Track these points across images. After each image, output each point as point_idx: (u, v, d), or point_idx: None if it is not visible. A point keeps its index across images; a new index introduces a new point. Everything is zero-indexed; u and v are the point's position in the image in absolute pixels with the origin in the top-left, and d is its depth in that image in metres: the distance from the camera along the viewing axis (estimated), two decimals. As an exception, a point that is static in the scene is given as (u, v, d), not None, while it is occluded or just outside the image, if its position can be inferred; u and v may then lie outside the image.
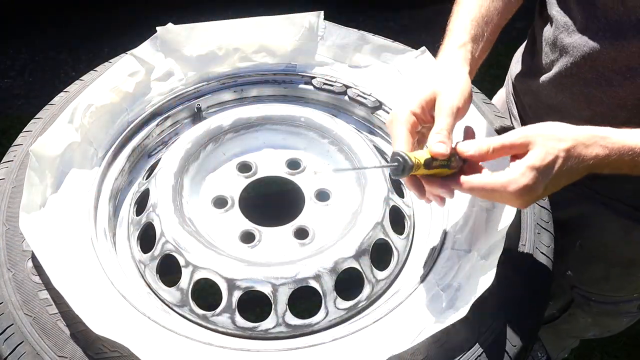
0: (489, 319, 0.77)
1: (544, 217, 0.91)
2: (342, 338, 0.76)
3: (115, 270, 0.84)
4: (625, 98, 0.87)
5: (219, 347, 0.75)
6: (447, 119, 0.75)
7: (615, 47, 0.84)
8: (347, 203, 0.96)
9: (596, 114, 0.92)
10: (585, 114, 0.93)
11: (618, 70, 0.86)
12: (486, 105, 1.09)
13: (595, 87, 0.90)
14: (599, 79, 0.89)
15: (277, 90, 1.15)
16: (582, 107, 0.93)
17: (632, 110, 0.87)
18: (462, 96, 0.78)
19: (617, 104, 0.88)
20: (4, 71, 2.91)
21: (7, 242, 0.82)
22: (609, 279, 1.14)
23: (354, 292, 0.86)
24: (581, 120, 0.93)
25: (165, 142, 1.08)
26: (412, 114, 0.77)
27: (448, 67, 0.84)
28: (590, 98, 0.91)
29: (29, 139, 0.96)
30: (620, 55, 0.84)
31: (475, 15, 0.90)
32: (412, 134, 0.76)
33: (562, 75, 0.94)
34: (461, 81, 0.81)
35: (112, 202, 0.95)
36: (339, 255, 0.84)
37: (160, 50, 1.06)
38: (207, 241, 0.87)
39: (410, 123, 0.77)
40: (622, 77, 0.86)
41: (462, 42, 0.87)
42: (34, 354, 0.72)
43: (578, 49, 0.89)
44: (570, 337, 1.40)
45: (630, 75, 0.85)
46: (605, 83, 0.88)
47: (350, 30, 1.13)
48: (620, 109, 0.89)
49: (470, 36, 0.88)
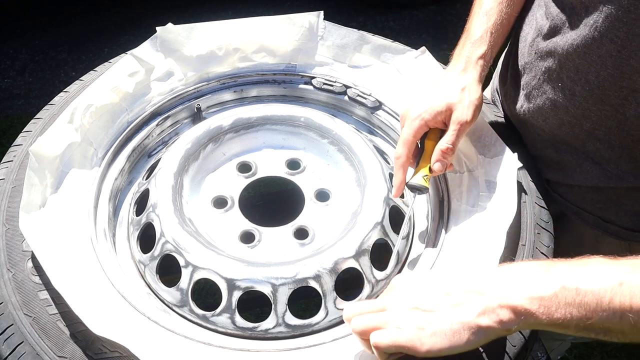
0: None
1: (544, 217, 0.91)
2: (342, 338, 0.76)
3: (115, 270, 0.84)
4: (588, 109, 0.87)
5: (219, 347, 0.75)
6: (455, 135, 0.84)
7: (578, 54, 0.85)
8: (347, 203, 0.96)
9: (563, 122, 0.92)
10: (552, 122, 0.94)
11: (578, 81, 0.86)
12: (485, 105, 1.10)
13: (561, 96, 0.90)
14: (564, 88, 0.89)
15: (277, 91, 1.15)
16: (549, 115, 0.94)
17: (596, 122, 0.88)
18: (474, 112, 0.86)
19: (581, 114, 0.89)
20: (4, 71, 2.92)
21: (7, 242, 0.82)
22: None
23: (354, 292, 0.86)
24: (548, 129, 0.94)
25: (165, 142, 1.08)
26: (425, 124, 0.87)
27: (465, 81, 0.89)
28: (558, 106, 0.92)
29: (29, 139, 0.96)
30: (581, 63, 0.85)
31: (495, 21, 0.93)
32: (415, 140, 0.88)
33: (533, 84, 0.95)
34: (475, 96, 0.87)
35: (112, 202, 0.95)
36: (339, 255, 0.84)
37: (160, 50, 1.06)
38: (207, 241, 0.87)
39: (420, 133, 0.88)
40: (582, 88, 0.86)
41: (482, 53, 0.91)
42: (33, 354, 0.72)
43: (549, 56, 0.90)
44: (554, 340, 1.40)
45: (588, 87, 0.86)
46: (569, 93, 0.89)
47: (350, 30, 1.13)
48: (584, 119, 0.89)
49: (488, 45, 0.91)
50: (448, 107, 0.86)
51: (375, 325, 0.63)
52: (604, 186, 0.93)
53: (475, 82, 0.89)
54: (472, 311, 0.60)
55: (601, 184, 0.93)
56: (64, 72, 2.91)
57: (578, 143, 0.93)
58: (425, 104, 0.87)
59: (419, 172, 0.88)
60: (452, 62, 0.94)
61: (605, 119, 0.87)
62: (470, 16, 0.96)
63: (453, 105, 0.86)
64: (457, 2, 3.49)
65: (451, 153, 0.85)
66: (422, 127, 0.87)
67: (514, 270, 0.62)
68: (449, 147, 0.84)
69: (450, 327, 0.60)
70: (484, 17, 0.93)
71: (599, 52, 0.82)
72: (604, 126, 0.88)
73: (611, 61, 0.81)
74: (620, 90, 0.82)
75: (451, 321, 0.60)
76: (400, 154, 0.87)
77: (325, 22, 1.12)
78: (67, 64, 2.96)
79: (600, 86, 0.84)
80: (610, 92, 0.83)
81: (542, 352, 0.95)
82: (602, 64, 0.82)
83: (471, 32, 0.93)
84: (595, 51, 0.82)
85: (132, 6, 3.12)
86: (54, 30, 3.08)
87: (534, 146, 1.01)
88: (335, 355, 0.74)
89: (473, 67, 0.90)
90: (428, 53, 1.08)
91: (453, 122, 0.85)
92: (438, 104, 0.86)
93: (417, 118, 0.87)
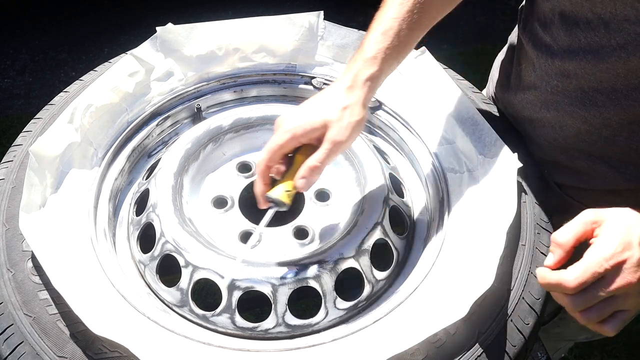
0: (489, 319, 0.77)
1: (544, 217, 0.91)
2: (342, 338, 0.76)
3: (115, 270, 0.84)
4: (610, 118, 0.86)
5: (219, 347, 0.75)
6: (326, 154, 0.79)
7: (600, 69, 0.83)
8: (347, 203, 0.96)
9: (580, 131, 0.91)
10: (568, 130, 0.93)
11: (603, 91, 0.85)
12: (475, 94, 1.10)
13: (580, 106, 0.89)
14: (584, 99, 0.88)
15: (277, 91, 1.15)
16: (567, 123, 0.93)
17: (616, 129, 0.87)
18: (351, 133, 0.81)
19: (602, 123, 0.88)
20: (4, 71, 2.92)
21: (7, 242, 0.82)
22: None
23: (354, 292, 0.86)
24: (563, 137, 0.93)
25: (165, 142, 1.08)
26: (295, 139, 0.81)
27: (348, 100, 0.82)
28: (575, 116, 0.91)
29: (29, 139, 0.96)
30: (605, 76, 0.83)
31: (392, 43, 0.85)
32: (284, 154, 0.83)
33: (548, 92, 0.93)
34: (355, 118, 0.81)
35: (112, 202, 0.95)
36: (339, 255, 0.84)
37: (160, 50, 1.06)
38: (207, 241, 0.87)
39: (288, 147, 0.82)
40: (607, 97, 0.85)
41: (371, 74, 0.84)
42: (33, 354, 0.72)
43: (564, 69, 0.89)
44: (563, 340, 1.40)
45: (614, 97, 0.84)
46: (590, 103, 0.88)
47: (350, 30, 1.13)
48: (604, 127, 0.88)
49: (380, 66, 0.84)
50: (324, 124, 0.80)
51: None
52: (623, 189, 0.92)
53: (358, 104, 0.82)
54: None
55: (620, 187, 0.92)
56: (64, 72, 2.91)
57: (594, 149, 0.92)
58: (302, 118, 0.82)
59: (281, 186, 0.82)
60: (341, 76, 0.87)
61: (628, 124, 0.85)
62: (368, 32, 0.88)
63: (330, 123, 0.80)
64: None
65: (318, 172, 0.80)
66: (291, 141, 0.82)
67: None
68: (316, 166, 0.79)
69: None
70: (382, 36, 0.85)
71: (625, 67, 0.80)
72: (625, 131, 0.86)
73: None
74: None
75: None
76: (259, 162, 0.83)
77: (325, 22, 1.12)
78: (67, 64, 2.96)
79: (627, 96, 0.83)
80: (638, 98, 0.82)
81: (542, 352, 0.96)
82: (630, 74, 0.80)
83: (365, 48, 0.85)
84: (621, 66, 0.81)
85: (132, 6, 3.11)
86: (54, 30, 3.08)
87: (544, 152, 1.00)
88: (335, 355, 0.74)
89: (360, 87, 0.83)
90: (428, 53, 1.08)
91: (327, 141, 0.80)
92: (314, 120, 0.81)
93: (288, 131, 0.81)
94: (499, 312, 0.78)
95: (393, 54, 0.85)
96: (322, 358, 0.74)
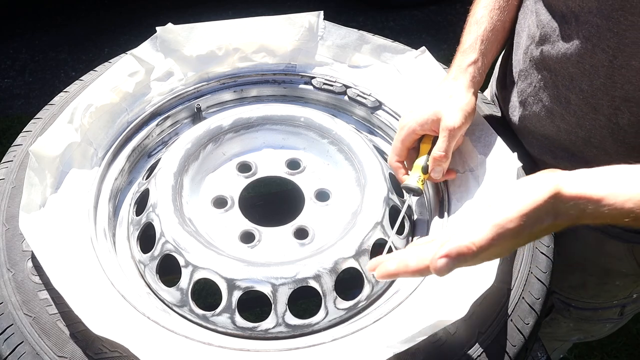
0: (489, 319, 0.77)
1: (544, 217, 0.91)
2: (342, 338, 0.76)
3: (115, 270, 0.84)
4: (582, 117, 0.88)
5: (219, 347, 0.75)
6: (445, 142, 0.86)
7: (572, 63, 0.85)
8: (347, 203, 0.96)
9: (560, 129, 0.93)
10: (549, 128, 0.95)
11: (573, 89, 0.87)
12: (485, 105, 1.09)
13: (557, 103, 0.91)
14: (559, 96, 0.90)
15: (277, 90, 1.15)
16: (547, 122, 0.95)
17: (590, 130, 0.89)
18: (463, 117, 0.87)
19: (576, 123, 0.90)
20: (4, 71, 2.92)
21: (7, 242, 0.82)
22: (586, 287, 1.15)
23: (354, 292, 0.86)
24: (546, 135, 0.94)
25: (165, 142, 1.08)
26: (413, 132, 0.90)
27: (454, 88, 0.91)
28: (555, 114, 0.92)
29: (29, 139, 0.96)
30: (575, 72, 0.85)
31: (486, 28, 0.95)
32: (407, 148, 0.93)
33: (533, 87, 0.95)
34: (463, 102, 0.89)
35: (111, 202, 0.95)
36: (339, 255, 0.84)
37: (160, 50, 1.06)
38: (207, 241, 0.87)
39: (408, 140, 0.92)
40: (576, 96, 0.87)
41: (471, 60, 0.93)
42: (33, 354, 0.72)
43: (543, 64, 0.91)
44: (556, 341, 1.40)
45: (582, 96, 0.86)
46: (565, 101, 0.89)
47: (350, 30, 1.13)
48: (579, 127, 0.90)
49: (479, 52, 0.93)
50: (436, 115, 0.88)
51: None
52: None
53: (464, 89, 0.91)
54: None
55: None
56: (64, 72, 2.92)
57: (575, 149, 0.93)
58: (415, 113, 0.91)
59: (413, 175, 0.91)
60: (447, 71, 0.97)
61: (599, 127, 0.87)
62: (464, 27, 0.98)
63: (440, 112, 0.88)
64: (457, 2, 3.50)
65: (445, 160, 0.87)
66: (409, 135, 0.91)
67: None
68: (441, 155, 0.87)
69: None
70: (475, 25, 0.95)
71: (591, 61, 0.82)
72: (598, 134, 0.88)
73: (603, 71, 0.81)
74: (612, 100, 0.83)
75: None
76: (390, 160, 0.94)
77: (325, 22, 1.12)
78: (67, 64, 2.96)
79: (593, 95, 0.85)
80: (603, 101, 0.84)
81: (542, 352, 0.96)
82: (594, 73, 0.83)
83: (462, 41, 0.96)
84: (587, 60, 0.83)
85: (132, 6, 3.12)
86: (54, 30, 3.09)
87: (532, 151, 1.02)
88: (335, 355, 0.74)
89: (462, 74, 0.92)
90: (428, 53, 1.08)
91: (442, 129, 0.87)
92: (426, 112, 0.89)
93: (404, 127, 0.91)
94: (499, 312, 0.78)
95: (490, 37, 0.94)
96: (322, 358, 0.74)
